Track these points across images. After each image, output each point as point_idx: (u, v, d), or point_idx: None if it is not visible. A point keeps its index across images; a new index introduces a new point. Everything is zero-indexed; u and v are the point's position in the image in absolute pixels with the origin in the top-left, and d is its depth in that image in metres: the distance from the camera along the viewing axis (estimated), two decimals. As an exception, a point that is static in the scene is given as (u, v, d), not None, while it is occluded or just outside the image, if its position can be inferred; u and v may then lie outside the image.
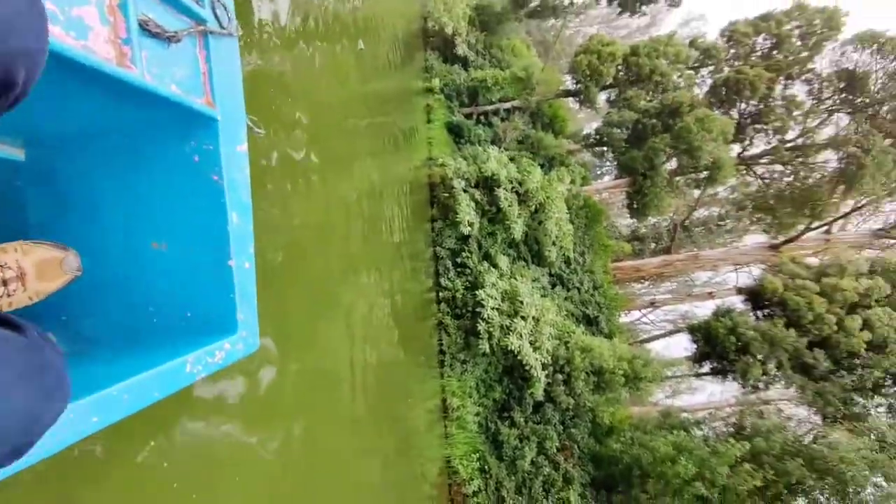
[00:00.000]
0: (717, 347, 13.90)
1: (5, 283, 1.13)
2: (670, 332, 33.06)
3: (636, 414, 15.78)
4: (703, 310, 34.00)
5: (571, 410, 13.05)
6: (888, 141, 17.89)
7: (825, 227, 22.56)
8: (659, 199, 17.08)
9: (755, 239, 33.29)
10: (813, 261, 20.37)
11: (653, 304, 30.11)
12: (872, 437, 11.49)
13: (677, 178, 17.84)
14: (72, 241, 1.35)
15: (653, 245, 33.40)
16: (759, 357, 13.20)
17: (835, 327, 13.01)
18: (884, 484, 11.01)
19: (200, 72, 1.33)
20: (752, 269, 29.35)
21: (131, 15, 1.04)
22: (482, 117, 21.81)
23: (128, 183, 1.53)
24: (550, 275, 17.08)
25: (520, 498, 11.56)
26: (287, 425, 5.96)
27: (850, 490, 10.49)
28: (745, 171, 20.61)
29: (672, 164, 18.13)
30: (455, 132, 21.07)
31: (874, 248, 23.38)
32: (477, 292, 13.82)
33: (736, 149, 19.44)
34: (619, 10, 24.96)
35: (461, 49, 23.98)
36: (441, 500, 11.75)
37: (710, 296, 28.12)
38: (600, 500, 11.95)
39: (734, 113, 18.57)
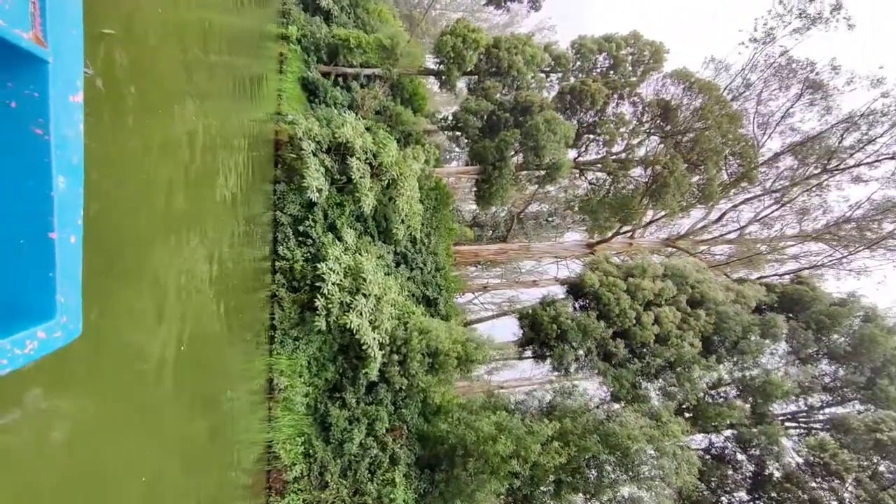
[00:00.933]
0: (540, 334, 15.15)
1: None
2: (497, 315, 35.60)
3: (461, 391, 16.48)
4: (526, 296, 37.31)
5: (404, 391, 13.03)
6: (685, 166, 21.21)
7: (630, 232, 26.12)
8: (504, 189, 17.89)
9: (573, 237, 37.47)
10: (616, 259, 23.51)
11: (485, 288, 32.02)
12: (650, 416, 13.53)
13: (521, 173, 18.87)
14: None
15: (490, 232, 35.44)
16: (574, 344, 14.73)
17: (634, 321, 15.10)
18: (654, 453, 13.08)
19: (30, 1, 1.06)
20: (569, 263, 33.04)
21: None
22: (341, 79, 20.49)
23: None
24: (396, 253, 16.82)
25: (344, 481, 11.19)
26: (78, 407, 4.71)
27: (631, 462, 12.25)
28: (577, 175, 22.77)
29: (518, 158, 19.13)
30: (310, 90, 19.48)
31: (661, 254, 27.88)
32: (318, 265, 12.92)
33: (572, 153, 21.31)
34: (485, 1, 25.42)
35: (324, 0, 22.22)
36: (257, 488, 10.81)
37: (535, 283, 30.89)
38: (424, 478, 12.19)
39: (574, 121, 20.26)
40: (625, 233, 24.96)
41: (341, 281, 12.80)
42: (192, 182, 8.62)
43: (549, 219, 36.30)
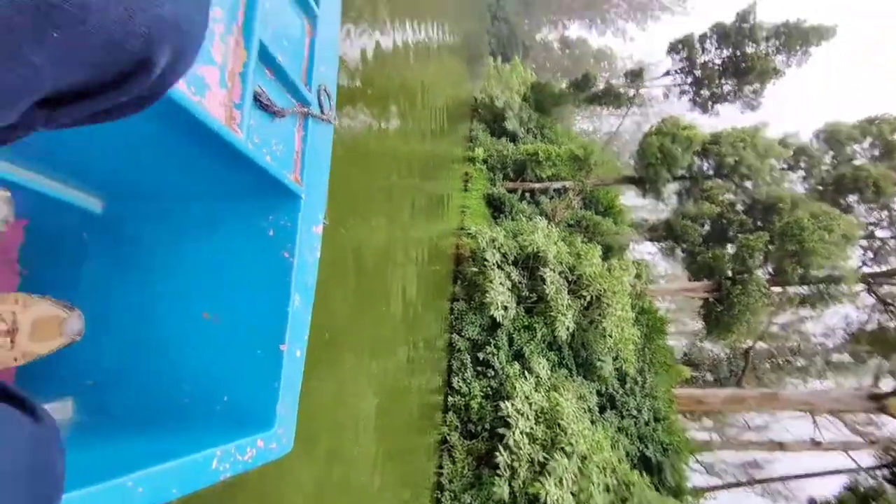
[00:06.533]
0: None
1: None
2: (728, 485, 27.02)
3: None
4: (766, 460, 28.02)
5: None
6: None
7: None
8: (752, 312, 13.01)
9: (815, 385, 28.03)
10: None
11: (708, 446, 24.69)
12: None
13: (774, 289, 13.90)
14: (123, 300, 1.39)
15: (707, 374, 28.53)
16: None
17: None
18: None
19: (294, 150, 1.32)
20: (821, 420, 24.00)
21: (248, 84, 1.05)
22: (528, 194, 18.83)
23: (196, 247, 1.44)
24: (600, 393, 12.81)
25: None
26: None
27: None
28: (865, 291, 16.35)
29: (765, 270, 14.30)
30: (495, 206, 18.04)
31: None
32: (502, 405, 9.74)
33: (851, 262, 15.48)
34: (691, 106, 22.65)
35: (511, 124, 21.79)
36: None
37: (780, 447, 22.81)
38: None
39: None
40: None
41: (532, 429, 9.31)
42: (359, 293, 6.72)
43: (791, 359, 27.98)
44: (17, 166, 1.32)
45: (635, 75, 22.02)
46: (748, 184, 16.90)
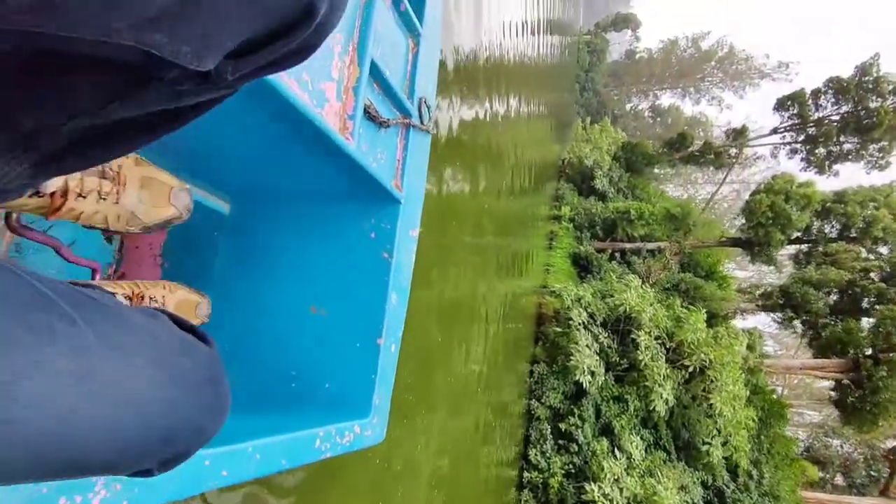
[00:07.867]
0: None
1: None
2: None
3: None
4: None
5: None
6: None
7: None
8: (903, 400, 10.57)
9: None
10: None
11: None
12: None
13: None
14: (246, 293, 1.59)
15: (838, 476, 24.08)
16: None
17: None
18: None
19: (396, 158, 1.46)
20: None
21: (360, 97, 1.17)
22: (618, 254, 17.58)
23: (307, 246, 1.61)
24: (706, 485, 10.82)
25: None
26: None
27: None
28: None
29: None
30: (581, 265, 16.95)
31: None
32: (587, 486, 8.38)
33: None
34: (804, 165, 20.59)
35: (600, 183, 20.95)
36: None
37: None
38: None
39: None
40: None
41: (624, 520, 7.81)
42: (437, 352, 6.21)
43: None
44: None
45: (738, 133, 20.56)
46: (883, 249, 14.61)
